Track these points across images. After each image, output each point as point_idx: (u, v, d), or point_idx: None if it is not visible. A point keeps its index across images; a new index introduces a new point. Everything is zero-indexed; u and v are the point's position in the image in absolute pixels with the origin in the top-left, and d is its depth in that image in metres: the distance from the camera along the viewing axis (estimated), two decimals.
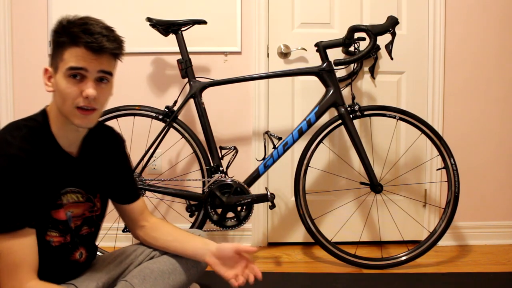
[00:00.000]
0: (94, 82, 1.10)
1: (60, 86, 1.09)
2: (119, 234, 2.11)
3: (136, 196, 1.40)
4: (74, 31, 1.07)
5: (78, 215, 1.22)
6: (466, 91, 2.33)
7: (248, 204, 1.92)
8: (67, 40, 1.08)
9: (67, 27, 1.09)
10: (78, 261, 1.24)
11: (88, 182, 1.24)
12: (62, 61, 1.09)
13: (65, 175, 1.17)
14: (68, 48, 1.08)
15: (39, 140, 1.11)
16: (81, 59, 1.07)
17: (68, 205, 1.18)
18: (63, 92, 1.09)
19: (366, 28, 1.86)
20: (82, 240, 1.25)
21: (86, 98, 1.08)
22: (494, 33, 2.31)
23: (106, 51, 1.09)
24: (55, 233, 1.16)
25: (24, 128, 1.10)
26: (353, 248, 2.11)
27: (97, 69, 1.10)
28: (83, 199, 1.22)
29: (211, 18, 2.12)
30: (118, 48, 1.13)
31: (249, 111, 2.30)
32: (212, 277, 1.86)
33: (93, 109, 1.12)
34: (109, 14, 2.23)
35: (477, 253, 2.23)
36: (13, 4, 2.24)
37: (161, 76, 2.29)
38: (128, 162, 1.41)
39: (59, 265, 1.20)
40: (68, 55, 1.08)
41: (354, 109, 1.97)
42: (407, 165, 2.33)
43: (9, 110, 2.26)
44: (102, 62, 1.10)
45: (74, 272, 1.25)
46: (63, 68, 1.08)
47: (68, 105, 1.09)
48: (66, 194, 1.17)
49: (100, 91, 1.12)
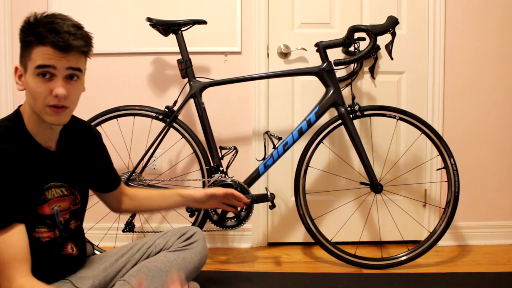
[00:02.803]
0: (64, 80, 1.10)
1: (30, 85, 1.10)
2: (119, 234, 2.11)
3: (117, 183, 1.46)
4: (40, 31, 1.07)
5: (65, 208, 1.23)
6: (466, 91, 2.33)
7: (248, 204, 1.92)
8: (33, 40, 1.08)
9: (33, 26, 1.09)
10: (71, 255, 1.25)
11: (69, 175, 1.25)
12: (30, 60, 1.09)
13: (47, 170, 1.18)
14: (35, 47, 1.08)
15: (15, 139, 1.12)
16: (49, 58, 1.07)
17: (53, 200, 1.19)
18: (33, 91, 1.09)
19: (366, 28, 1.86)
20: (71, 234, 1.26)
21: (56, 96, 1.09)
22: (494, 33, 2.31)
23: (73, 49, 1.09)
24: (43, 229, 1.17)
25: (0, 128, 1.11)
26: (353, 248, 2.11)
27: (65, 67, 1.10)
28: (67, 192, 1.24)
29: (211, 18, 2.11)
30: (86, 46, 1.13)
31: (249, 111, 2.30)
32: (212, 277, 1.87)
33: (65, 107, 1.12)
34: (109, 14, 2.23)
35: (477, 253, 2.23)
36: (13, 4, 2.24)
37: (161, 76, 2.29)
38: (106, 153, 1.44)
39: (53, 260, 1.20)
40: (35, 54, 1.08)
41: (354, 109, 1.97)
42: (407, 165, 2.33)
43: (9, 110, 2.26)
44: (70, 59, 1.10)
45: (70, 267, 1.26)
46: (32, 67, 1.08)
47: (39, 104, 1.10)
48: (50, 189, 1.19)
49: (71, 88, 1.12)
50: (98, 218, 2.05)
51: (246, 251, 2.29)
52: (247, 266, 2.08)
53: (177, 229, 1.46)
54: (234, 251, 2.27)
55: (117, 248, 1.41)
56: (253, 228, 2.34)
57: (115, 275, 1.32)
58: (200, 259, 1.40)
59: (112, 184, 1.45)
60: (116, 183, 1.46)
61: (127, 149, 2.19)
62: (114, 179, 1.45)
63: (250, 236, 2.34)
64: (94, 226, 2.08)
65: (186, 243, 1.39)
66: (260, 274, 1.98)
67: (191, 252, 1.38)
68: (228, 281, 1.88)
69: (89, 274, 1.27)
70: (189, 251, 1.38)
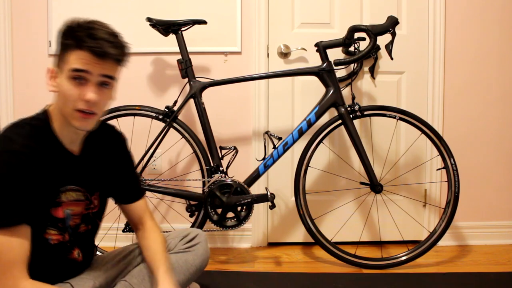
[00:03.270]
0: (96, 86, 1.11)
1: (63, 87, 1.11)
2: (119, 234, 2.11)
3: (139, 194, 1.40)
4: (79, 35, 1.09)
5: (78, 213, 1.22)
6: (466, 91, 2.33)
7: (248, 204, 1.92)
8: (72, 43, 1.09)
9: (73, 30, 1.10)
10: (76, 260, 1.24)
11: (88, 180, 1.24)
12: (66, 63, 1.10)
13: (66, 173, 1.18)
14: (73, 51, 1.09)
15: (41, 138, 1.13)
16: (85, 62, 1.09)
17: (67, 203, 1.19)
18: (65, 94, 1.10)
19: (366, 28, 1.86)
20: (79, 238, 1.25)
21: (86, 101, 1.10)
22: (494, 33, 2.31)
23: (109, 56, 1.10)
24: (54, 231, 1.16)
25: (27, 125, 1.12)
26: (353, 248, 2.11)
27: (100, 73, 1.11)
28: (83, 197, 1.23)
29: (211, 18, 2.12)
30: (122, 54, 1.15)
31: (249, 111, 2.30)
32: (212, 277, 1.87)
33: (93, 113, 1.13)
34: (109, 14, 2.23)
35: (477, 253, 2.23)
36: (13, 4, 2.24)
37: (161, 76, 2.29)
38: (130, 160, 1.41)
39: (57, 263, 1.20)
40: (72, 57, 1.09)
41: (354, 109, 1.97)
42: (407, 165, 2.33)
43: (9, 110, 2.27)
44: (105, 66, 1.11)
45: (73, 271, 1.25)
46: (67, 70, 1.10)
47: (68, 107, 1.11)
48: (66, 192, 1.18)
49: (101, 95, 1.13)
50: None
51: (246, 251, 2.29)
52: (247, 266, 2.08)
53: (179, 231, 1.45)
54: (234, 251, 2.27)
55: (119, 249, 1.40)
56: (253, 228, 2.34)
57: (116, 276, 1.31)
58: (202, 262, 1.40)
59: (134, 195, 1.39)
60: (138, 195, 1.40)
61: None
62: (135, 190, 1.40)
63: (250, 236, 2.34)
64: None
65: (188, 245, 1.39)
66: (260, 274, 1.98)
67: (193, 254, 1.38)
68: (228, 281, 1.88)
69: (90, 276, 1.26)
70: (191, 253, 1.38)
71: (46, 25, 2.23)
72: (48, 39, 2.23)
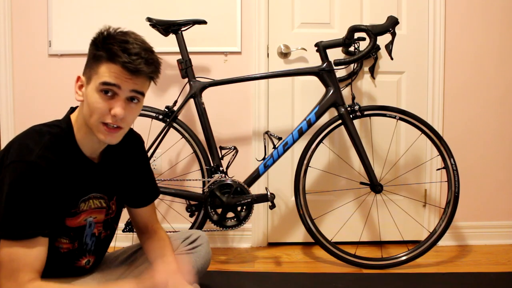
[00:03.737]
0: (125, 101, 1.09)
1: (90, 98, 1.08)
2: (119, 234, 2.09)
3: (153, 197, 1.39)
4: (113, 48, 1.06)
5: (101, 221, 1.21)
6: (466, 91, 2.33)
7: (248, 204, 1.92)
8: (104, 55, 1.07)
9: (106, 42, 1.07)
10: (84, 267, 1.24)
11: (109, 186, 1.23)
12: (96, 74, 1.08)
13: (87, 181, 1.16)
14: (105, 63, 1.07)
15: (62, 148, 1.10)
16: (116, 76, 1.06)
17: (89, 211, 1.17)
18: (92, 106, 1.08)
19: (366, 28, 1.86)
20: (98, 245, 1.24)
21: (113, 116, 1.07)
22: (494, 33, 2.31)
23: (142, 73, 1.08)
24: (65, 240, 1.15)
25: (48, 134, 1.09)
26: (353, 248, 2.11)
27: (130, 89, 1.09)
28: (105, 204, 1.22)
29: (211, 18, 2.11)
30: (155, 72, 1.13)
31: (249, 111, 2.30)
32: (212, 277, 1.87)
33: (119, 127, 1.10)
34: (109, 14, 2.23)
35: (477, 253, 2.23)
36: (13, 4, 2.24)
37: (161, 76, 2.27)
38: (148, 162, 1.39)
39: (64, 270, 1.19)
40: (103, 69, 1.06)
41: (354, 109, 1.97)
42: (407, 165, 2.33)
43: (9, 110, 2.26)
44: (136, 82, 1.09)
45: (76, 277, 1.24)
46: (97, 82, 1.07)
47: (94, 119, 1.08)
48: (88, 200, 1.17)
49: (129, 110, 1.10)
50: None
51: (246, 251, 2.29)
52: (247, 266, 2.08)
53: (181, 233, 1.45)
54: (234, 251, 2.27)
55: (120, 250, 1.40)
56: (253, 228, 2.34)
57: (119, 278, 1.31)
58: (203, 263, 1.39)
59: (151, 196, 1.39)
60: (154, 196, 1.40)
61: None
62: (152, 191, 1.40)
63: (250, 236, 2.34)
64: None
65: (190, 247, 1.39)
66: (260, 274, 1.98)
67: (196, 256, 1.38)
68: (228, 281, 1.88)
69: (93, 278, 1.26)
70: (193, 255, 1.37)
71: (46, 25, 2.23)
72: (48, 39, 2.23)
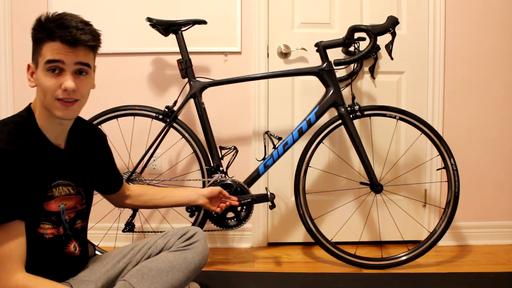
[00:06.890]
0: (73, 74, 1.13)
1: (40, 80, 1.13)
2: (119, 234, 2.11)
3: (120, 184, 1.51)
4: (49, 27, 1.11)
5: (71, 207, 1.25)
6: (466, 91, 2.33)
7: (248, 204, 1.92)
8: (44, 36, 1.12)
9: (43, 24, 1.13)
10: (73, 254, 1.26)
11: (76, 174, 1.27)
12: (40, 56, 1.12)
13: (55, 167, 1.20)
14: (45, 43, 1.11)
15: (26, 134, 1.14)
16: (57, 52, 1.10)
17: (60, 198, 1.21)
18: (43, 86, 1.12)
19: (366, 28, 1.86)
20: (75, 233, 1.28)
21: (65, 90, 1.12)
22: (494, 33, 2.31)
23: (81, 43, 1.12)
24: (48, 225, 1.18)
25: (11, 123, 1.14)
26: (353, 248, 2.11)
27: (74, 61, 1.13)
28: (74, 191, 1.26)
29: (211, 18, 2.11)
30: (94, 40, 1.16)
31: (249, 111, 2.30)
32: (212, 277, 1.87)
33: (74, 100, 1.15)
34: (109, 14, 2.24)
35: (477, 253, 2.23)
36: (13, 4, 2.24)
37: (161, 76, 2.29)
38: (110, 154, 1.48)
39: (54, 258, 1.21)
40: (45, 49, 1.11)
41: (354, 109, 1.97)
42: (407, 165, 2.33)
43: (9, 110, 2.26)
44: (78, 54, 1.13)
45: (71, 267, 1.27)
46: (42, 63, 1.12)
47: (48, 98, 1.13)
48: (58, 187, 1.20)
49: (80, 83, 1.15)
50: (98, 218, 2.05)
51: (246, 251, 2.29)
52: (247, 266, 2.08)
53: (178, 229, 1.45)
54: (234, 251, 2.27)
55: (119, 249, 1.41)
56: (253, 228, 2.34)
57: (117, 276, 1.32)
58: (201, 259, 1.40)
59: (116, 185, 1.51)
60: (119, 184, 1.51)
61: (127, 149, 2.20)
62: (118, 180, 1.51)
63: (250, 236, 2.34)
64: (94, 226, 2.08)
65: (187, 243, 1.39)
66: (260, 274, 1.98)
67: (192, 252, 1.38)
68: (228, 281, 1.88)
69: (91, 278, 1.27)
70: (190, 251, 1.38)
71: None
72: None
